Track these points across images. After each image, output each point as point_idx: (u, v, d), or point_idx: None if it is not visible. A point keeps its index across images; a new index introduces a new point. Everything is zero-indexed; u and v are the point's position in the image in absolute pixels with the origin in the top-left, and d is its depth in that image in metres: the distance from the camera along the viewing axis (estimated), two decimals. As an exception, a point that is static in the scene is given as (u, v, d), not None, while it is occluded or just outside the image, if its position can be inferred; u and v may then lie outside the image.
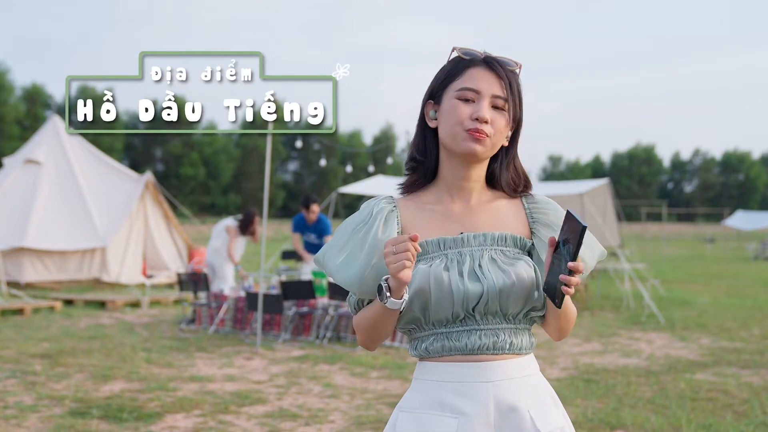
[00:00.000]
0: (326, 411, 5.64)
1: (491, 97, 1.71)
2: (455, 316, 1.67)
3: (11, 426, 5.13)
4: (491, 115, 1.70)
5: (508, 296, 1.66)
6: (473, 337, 1.67)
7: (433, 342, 1.70)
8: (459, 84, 1.73)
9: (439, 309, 1.66)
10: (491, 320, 1.68)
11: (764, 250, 30.63)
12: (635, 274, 14.21)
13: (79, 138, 15.17)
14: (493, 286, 1.65)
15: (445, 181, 1.78)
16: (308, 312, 8.77)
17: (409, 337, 1.77)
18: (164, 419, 5.35)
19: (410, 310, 1.68)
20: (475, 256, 1.69)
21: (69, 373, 6.75)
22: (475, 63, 1.74)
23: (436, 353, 1.70)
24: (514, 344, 1.70)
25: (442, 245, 1.71)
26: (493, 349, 1.68)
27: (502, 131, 1.73)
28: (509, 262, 1.69)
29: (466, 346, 1.67)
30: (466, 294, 1.65)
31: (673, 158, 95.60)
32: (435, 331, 1.70)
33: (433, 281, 1.65)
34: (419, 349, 1.72)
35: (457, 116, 1.71)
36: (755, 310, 12.19)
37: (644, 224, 44.65)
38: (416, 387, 1.74)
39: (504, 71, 1.74)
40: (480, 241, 1.71)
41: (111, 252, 13.61)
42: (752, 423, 5.40)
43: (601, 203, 14.92)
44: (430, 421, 1.67)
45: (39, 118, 55.50)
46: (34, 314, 10.46)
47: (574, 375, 7.00)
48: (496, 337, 1.68)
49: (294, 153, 75.19)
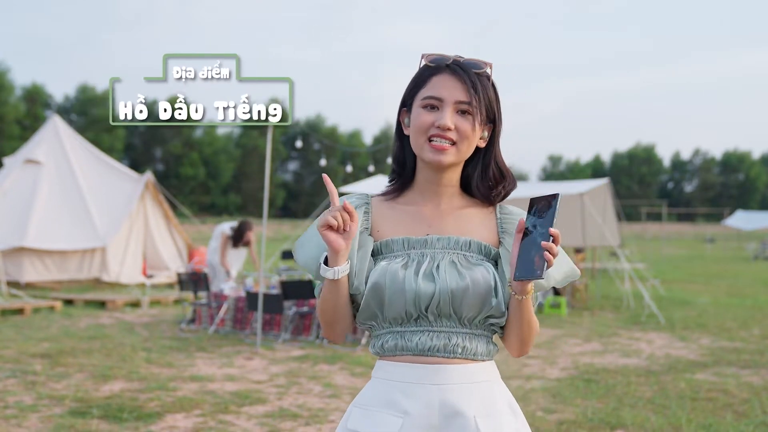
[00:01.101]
0: (326, 411, 5.64)
1: (455, 103, 1.72)
2: (409, 315, 1.69)
3: (11, 426, 5.13)
4: (455, 120, 1.72)
5: (462, 299, 1.67)
6: (424, 337, 1.69)
7: (389, 340, 1.72)
8: (423, 93, 1.75)
9: (393, 306, 1.68)
10: (445, 323, 1.69)
11: (764, 250, 30.64)
12: (635, 274, 14.21)
13: (79, 138, 15.18)
14: (445, 287, 1.66)
15: (419, 184, 1.81)
16: (308, 312, 8.77)
17: (371, 335, 1.80)
18: (164, 419, 5.35)
19: (367, 305, 1.71)
20: (436, 258, 1.71)
21: (69, 373, 6.75)
22: (440, 70, 1.75)
23: (390, 352, 1.72)
24: (468, 349, 1.70)
25: (406, 245, 1.74)
26: (444, 352, 1.68)
27: (469, 136, 1.73)
28: (468, 266, 1.70)
29: (417, 346, 1.69)
30: (418, 292, 1.66)
31: (673, 158, 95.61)
32: (391, 330, 1.72)
33: (389, 277, 1.68)
34: (376, 347, 1.75)
35: (420, 125, 1.73)
36: (755, 310, 12.19)
37: (644, 224, 44.64)
38: (371, 384, 1.77)
39: (469, 75, 1.74)
40: (444, 244, 1.73)
41: (111, 252, 13.61)
42: (752, 423, 5.40)
43: (601, 203, 14.91)
44: (377, 419, 1.69)
45: (39, 118, 55.52)
46: (34, 314, 10.47)
47: (574, 375, 7.00)
48: (448, 339, 1.69)
49: (294, 153, 75.20)
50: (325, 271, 1.66)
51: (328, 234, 1.63)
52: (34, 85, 62.09)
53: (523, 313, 1.69)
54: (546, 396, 6.16)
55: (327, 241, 1.63)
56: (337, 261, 1.65)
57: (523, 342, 1.74)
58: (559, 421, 5.38)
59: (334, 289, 1.69)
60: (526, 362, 7.50)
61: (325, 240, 1.63)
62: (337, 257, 1.65)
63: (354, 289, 1.70)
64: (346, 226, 1.64)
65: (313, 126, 74.71)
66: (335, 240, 1.63)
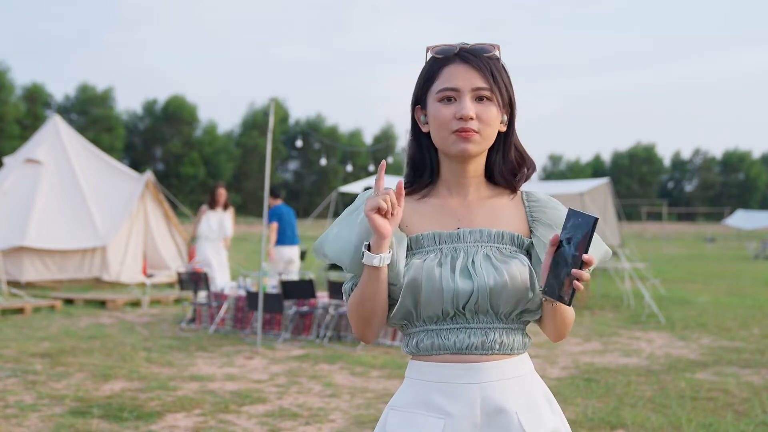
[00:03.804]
0: (326, 410, 5.64)
1: (472, 91, 1.67)
2: (445, 314, 1.65)
3: (12, 425, 5.13)
4: (476, 109, 1.67)
5: (500, 295, 1.63)
6: (462, 335, 1.65)
7: (424, 339, 1.68)
8: (438, 86, 1.70)
9: (429, 305, 1.64)
10: (482, 319, 1.66)
11: (764, 250, 30.62)
12: (635, 273, 14.21)
13: (80, 137, 15.18)
14: (483, 284, 1.62)
15: (444, 179, 1.76)
16: (308, 311, 8.77)
17: (402, 333, 1.76)
18: (164, 418, 5.35)
19: (403, 303, 1.66)
20: (469, 253, 1.67)
21: (69, 373, 6.75)
22: (450, 60, 1.70)
23: (426, 351, 1.68)
24: (505, 344, 1.67)
25: (437, 239, 1.69)
26: (482, 349, 1.65)
27: (492, 122, 1.69)
28: (504, 259, 1.66)
29: (455, 345, 1.65)
30: (456, 291, 1.62)
31: (673, 157, 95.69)
32: (426, 328, 1.68)
33: (425, 276, 1.63)
34: (410, 346, 1.71)
35: (441, 120, 1.68)
36: (755, 310, 12.19)
37: (644, 223, 44.63)
38: (407, 385, 1.73)
39: (481, 60, 1.69)
40: (476, 237, 1.69)
41: (111, 251, 13.61)
42: (752, 422, 5.39)
43: (602, 202, 14.93)
44: (418, 421, 1.66)
45: (39, 118, 55.56)
46: (34, 313, 10.46)
47: (575, 374, 7.00)
48: (485, 336, 1.65)
49: (294, 152, 75.21)
50: (370, 258, 1.59)
51: (377, 218, 1.57)
52: (34, 85, 62.14)
53: (556, 313, 1.67)
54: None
55: (375, 225, 1.57)
56: (382, 247, 1.59)
57: (560, 326, 1.71)
58: (559, 421, 5.38)
59: (375, 279, 1.62)
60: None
61: (372, 225, 1.57)
62: (382, 243, 1.59)
63: (394, 278, 1.64)
64: (394, 209, 1.59)
65: (313, 126, 74.71)
66: (383, 225, 1.57)
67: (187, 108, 69.83)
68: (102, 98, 65.88)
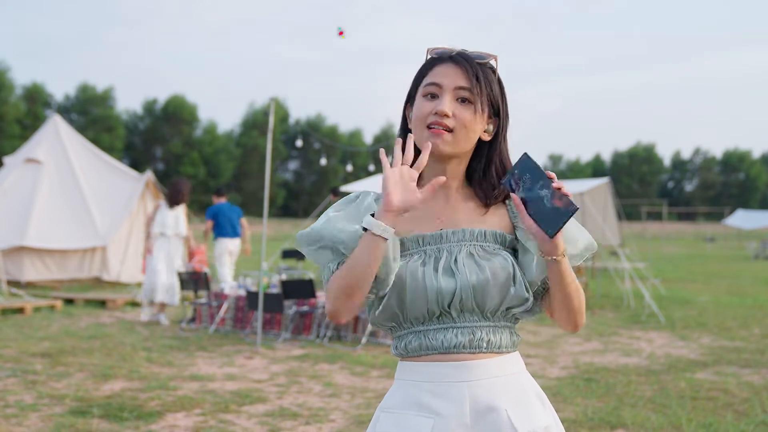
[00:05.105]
0: (326, 410, 5.64)
1: (454, 90, 1.69)
2: (431, 313, 1.66)
3: (12, 425, 5.13)
4: (454, 107, 1.68)
5: (483, 292, 1.64)
6: (449, 334, 1.65)
7: (412, 340, 1.69)
8: (425, 81, 1.73)
9: (415, 305, 1.65)
10: (468, 318, 1.66)
11: (764, 249, 30.63)
12: (635, 273, 14.21)
13: (80, 137, 15.18)
14: (466, 282, 1.63)
15: (426, 179, 1.74)
16: (309, 311, 8.77)
17: (391, 336, 1.77)
18: (165, 418, 5.35)
19: (389, 305, 1.67)
20: (452, 252, 1.68)
21: (69, 372, 6.75)
22: (443, 60, 1.73)
23: (415, 352, 1.68)
24: (493, 342, 1.67)
25: (420, 241, 1.70)
26: (470, 348, 1.66)
27: (468, 124, 1.69)
28: (486, 257, 1.67)
29: (442, 344, 1.66)
30: (440, 290, 1.63)
31: (673, 157, 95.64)
32: (413, 329, 1.69)
33: (409, 276, 1.64)
34: (399, 348, 1.72)
35: (420, 114, 1.70)
36: (755, 309, 12.19)
37: (645, 223, 44.61)
38: (396, 387, 1.73)
39: (470, 63, 1.71)
40: (459, 237, 1.70)
41: (111, 251, 13.61)
42: (752, 422, 5.39)
43: (602, 202, 14.92)
44: (408, 421, 1.66)
45: (39, 117, 55.54)
46: (34, 313, 10.47)
47: (575, 374, 7.00)
48: (472, 335, 1.66)
49: (294, 152, 75.19)
50: (377, 226, 1.56)
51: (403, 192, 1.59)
52: (34, 85, 62.09)
53: (564, 277, 1.65)
54: (546, 395, 6.15)
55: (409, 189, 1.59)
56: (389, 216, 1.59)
57: (572, 311, 1.70)
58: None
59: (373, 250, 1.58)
60: (526, 361, 7.48)
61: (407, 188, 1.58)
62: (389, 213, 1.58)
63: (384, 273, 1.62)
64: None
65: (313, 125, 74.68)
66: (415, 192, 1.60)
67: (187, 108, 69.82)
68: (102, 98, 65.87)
